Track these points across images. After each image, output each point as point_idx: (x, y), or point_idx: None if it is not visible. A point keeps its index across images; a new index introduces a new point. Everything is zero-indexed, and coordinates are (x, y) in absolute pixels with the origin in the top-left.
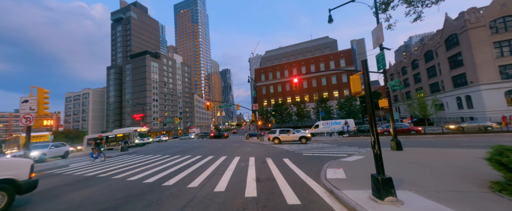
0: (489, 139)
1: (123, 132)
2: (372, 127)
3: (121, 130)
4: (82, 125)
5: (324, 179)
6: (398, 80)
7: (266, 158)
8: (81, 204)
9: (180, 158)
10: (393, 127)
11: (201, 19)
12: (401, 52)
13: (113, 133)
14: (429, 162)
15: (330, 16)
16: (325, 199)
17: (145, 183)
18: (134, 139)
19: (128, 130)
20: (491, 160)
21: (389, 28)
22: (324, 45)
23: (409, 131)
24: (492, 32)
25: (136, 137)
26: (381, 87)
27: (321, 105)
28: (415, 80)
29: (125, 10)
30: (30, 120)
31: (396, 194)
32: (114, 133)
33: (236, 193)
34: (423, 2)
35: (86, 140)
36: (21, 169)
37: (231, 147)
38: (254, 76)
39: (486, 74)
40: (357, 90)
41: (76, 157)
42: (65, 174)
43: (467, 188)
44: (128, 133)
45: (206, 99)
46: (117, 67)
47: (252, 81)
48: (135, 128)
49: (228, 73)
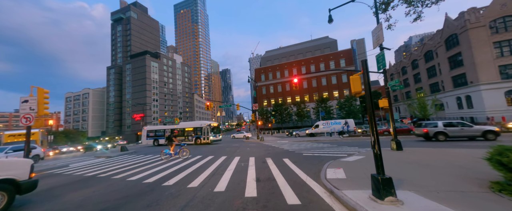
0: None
1: (193, 126)
2: (372, 127)
3: (190, 124)
4: (82, 125)
5: (324, 179)
6: (398, 80)
7: (266, 158)
8: (81, 204)
9: (180, 158)
10: (393, 127)
11: (201, 19)
12: (401, 52)
13: (181, 126)
14: (429, 162)
15: (330, 16)
16: (325, 199)
17: (145, 183)
18: (208, 135)
19: (199, 123)
20: (491, 160)
21: (389, 28)
22: (324, 45)
23: (409, 131)
24: (492, 32)
25: (210, 132)
26: (381, 87)
27: (321, 105)
28: (415, 80)
29: (125, 10)
30: (30, 120)
31: (396, 194)
32: (182, 126)
33: (236, 193)
34: (423, 2)
35: (146, 132)
36: (21, 169)
37: (231, 147)
38: (254, 76)
39: (486, 74)
40: (357, 90)
41: (76, 157)
42: (65, 174)
43: (467, 188)
44: (200, 127)
45: (206, 99)
46: (117, 67)
47: (252, 81)
48: (208, 122)
49: (228, 73)
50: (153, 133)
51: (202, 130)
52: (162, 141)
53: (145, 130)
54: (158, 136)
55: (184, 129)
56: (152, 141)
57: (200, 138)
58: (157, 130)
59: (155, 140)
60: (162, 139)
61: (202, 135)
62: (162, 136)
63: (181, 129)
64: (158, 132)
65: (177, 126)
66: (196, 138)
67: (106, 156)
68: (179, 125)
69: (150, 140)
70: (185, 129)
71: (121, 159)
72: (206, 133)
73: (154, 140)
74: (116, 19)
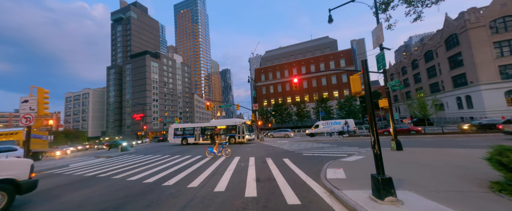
0: (489, 139)
1: (226, 124)
2: (372, 127)
3: (223, 121)
4: (82, 125)
5: (324, 179)
6: (398, 80)
7: (266, 158)
8: (81, 204)
9: (180, 158)
10: (393, 127)
11: (201, 19)
12: (401, 52)
13: (212, 124)
14: (429, 162)
15: (330, 16)
16: (325, 199)
17: (145, 183)
18: (244, 133)
19: (233, 121)
20: (491, 160)
21: (389, 28)
22: (324, 45)
23: (409, 131)
24: (492, 32)
25: (246, 131)
26: (381, 87)
27: (321, 105)
28: (415, 80)
29: (125, 10)
30: (30, 120)
31: (396, 194)
32: (213, 124)
33: (236, 193)
34: (423, 2)
35: (173, 130)
36: (21, 169)
37: (231, 147)
38: (254, 76)
39: (486, 74)
40: (357, 90)
41: (76, 156)
42: (65, 174)
43: (467, 188)
44: (234, 125)
45: (206, 99)
46: (117, 67)
47: (252, 81)
48: (243, 120)
49: (228, 73)
50: (180, 132)
51: (237, 128)
52: (191, 140)
53: (172, 128)
54: (187, 134)
55: (216, 127)
56: (180, 139)
57: (234, 137)
58: (185, 129)
59: (184, 138)
60: (191, 138)
61: (236, 133)
62: (191, 134)
63: (212, 127)
64: (187, 130)
65: (208, 124)
66: (230, 137)
67: (106, 156)
68: (210, 123)
69: (178, 138)
70: (217, 127)
71: (121, 159)
72: (241, 132)
73: (182, 138)
74: (116, 19)
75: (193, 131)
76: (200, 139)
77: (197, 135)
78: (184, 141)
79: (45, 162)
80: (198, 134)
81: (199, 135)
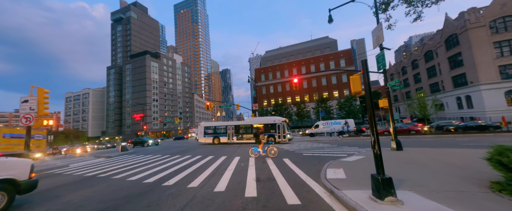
0: (489, 139)
1: (263, 122)
2: (372, 127)
3: (260, 119)
4: (82, 125)
5: (324, 179)
6: (398, 80)
7: (266, 158)
8: (81, 204)
9: (180, 158)
10: (393, 127)
11: (201, 19)
12: (401, 52)
13: (246, 122)
14: (429, 162)
15: (330, 16)
16: (325, 199)
17: (145, 183)
18: (285, 132)
19: (272, 119)
20: (491, 160)
21: (389, 28)
22: (324, 45)
23: (409, 131)
24: (492, 32)
25: (287, 129)
26: (381, 87)
27: (321, 105)
28: (415, 80)
29: (125, 10)
30: (30, 120)
31: (396, 194)
32: (248, 122)
33: (236, 193)
34: (423, 2)
35: (203, 129)
36: (21, 169)
37: (231, 147)
38: (254, 76)
39: (486, 74)
40: (357, 90)
41: (75, 157)
42: (65, 174)
43: (467, 188)
44: (273, 123)
45: (206, 99)
46: (117, 67)
47: (252, 81)
48: (283, 118)
49: (228, 73)
50: (212, 130)
51: (276, 127)
52: (224, 139)
53: (202, 126)
54: (219, 133)
55: (251, 125)
56: (211, 138)
57: (274, 136)
58: (216, 127)
59: (215, 137)
60: (223, 137)
61: (276, 132)
62: (223, 133)
63: (247, 126)
64: (218, 129)
65: (243, 122)
66: (269, 136)
67: (106, 156)
68: (245, 121)
69: (209, 137)
70: (253, 126)
71: (121, 159)
72: (282, 130)
73: (213, 137)
74: (116, 19)
75: (225, 130)
76: (234, 138)
77: (230, 134)
78: (216, 140)
79: (45, 162)
80: (232, 133)
81: (233, 134)
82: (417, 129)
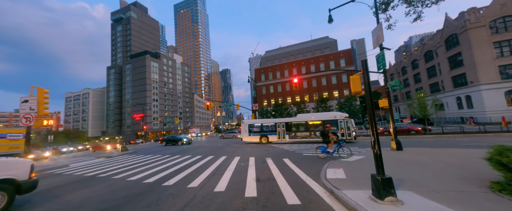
0: (489, 139)
1: (321, 118)
2: (372, 127)
3: (317, 116)
4: (82, 125)
5: (324, 179)
6: (398, 80)
7: (266, 158)
8: (81, 204)
9: (180, 158)
10: (393, 127)
11: (201, 19)
12: (401, 52)
13: (299, 119)
14: (429, 162)
15: (330, 16)
16: (325, 199)
17: (145, 183)
18: (350, 130)
19: (332, 115)
20: (491, 160)
21: (389, 28)
22: (324, 45)
23: (409, 131)
24: (492, 32)
25: (353, 126)
26: (381, 87)
27: (321, 105)
28: (415, 80)
29: (125, 10)
30: (30, 120)
31: (396, 194)
32: (302, 119)
33: (236, 193)
34: (423, 2)
35: (247, 126)
36: (21, 169)
37: (231, 147)
38: (254, 76)
39: (486, 74)
40: (357, 90)
41: (77, 156)
42: (65, 174)
43: (467, 188)
44: (334, 119)
45: (206, 99)
46: (117, 67)
47: (252, 81)
48: (345, 114)
49: (228, 73)
50: (258, 128)
51: (337, 124)
52: (273, 138)
53: (246, 124)
54: (266, 131)
55: (307, 122)
56: (258, 137)
57: (336, 134)
58: (263, 125)
59: (263, 136)
60: (272, 135)
61: (338, 130)
62: (273, 131)
63: (301, 123)
64: (267, 126)
65: (295, 119)
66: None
67: (106, 156)
68: (297, 117)
69: (255, 136)
70: (308, 123)
71: (121, 159)
72: (345, 128)
73: (261, 136)
74: (116, 19)
75: (274, 127)
76: (286, 136)
77: (281, 132)
78: (263, 139)
79: (45, 162)
80: (283, 131)
81: (284, 132)
82: (417, 129)
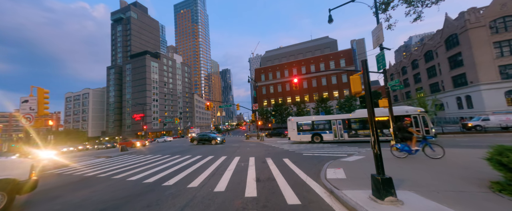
0: (489, 139)
1: (387, 114)
2: (372, 127)
3: (386, 111)
4: (82, 125)
5: (324, 179)
6: (398, 80)
7: (266, 158)
8: (81, 204)
9: (180, 158)
10: (393, 127)
11: (201, 19)
12: (401, 52)
13: (359, 115)
14: (429, 162)
15: (330, 16)
16: (325, 199)
17: (145, 183)
18: (429, 127)
19: (404, 110)
20: (491, 160)
21: (389, 28)
22: (324, 45)
23: None
24: (492, 32)
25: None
26: (381, 87)
27: (321, 105)
28: (415, 80)
29: (125, 10)
30: (30, 120)
31: (396, 194)
32: (363, 115)
33: (236, 193)
34: (423, 2)
35: (295, 125)
36: (21, 169)
37: (231, 147)
38: (254, 76)
39: (486, 74)
40: (357, 90)
41: (77, 156)
42: (65, 174)
43: (467, 188)
44: (406, 115)
45: (206, 99)
46: (117, 67)
47: (252, 81)
48: (419, 108)
49: (228, 73)
50: (308, 126)
51: (413, 119)
52: (329, 137)
53: (293, 122)
54: (319, 129)
55: (387, 116)
56: (310, 136)
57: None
58: (315, 122)
59: (315, 135)
60: (327, 134)
61: (413, 127)
62: (326, 129)
63: (363, 119)
64: (320, 124)
65: (354, 115)
66: (405, 133)
67: (106, 156)
68: (355, 113)
69: (306, 135)
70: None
71: (121, 159)
72: (422, 124)
73: (312, 135)
74: (116, 19)
75: (329, 125)
76: (345, 135)
77: (338, 130)
78: (316, 138)
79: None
80: (340, 129)
81: (342, 130)
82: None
